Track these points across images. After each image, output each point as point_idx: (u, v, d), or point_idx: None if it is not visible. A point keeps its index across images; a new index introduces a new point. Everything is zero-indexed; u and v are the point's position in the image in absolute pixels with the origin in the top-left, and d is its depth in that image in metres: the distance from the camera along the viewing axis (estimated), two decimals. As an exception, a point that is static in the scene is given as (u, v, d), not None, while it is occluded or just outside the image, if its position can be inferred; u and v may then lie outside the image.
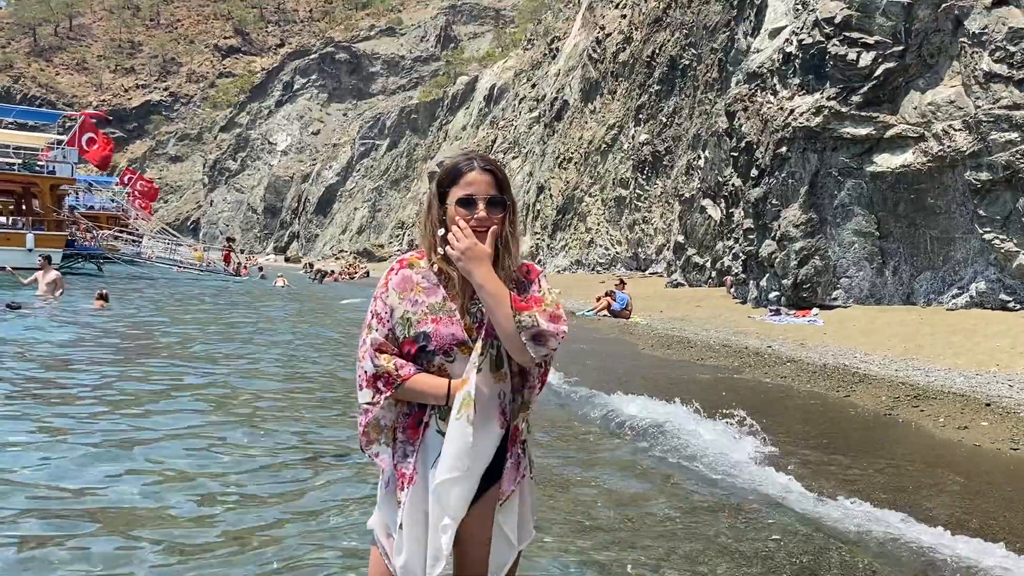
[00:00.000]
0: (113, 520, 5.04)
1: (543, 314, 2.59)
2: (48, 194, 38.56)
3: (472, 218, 2.62)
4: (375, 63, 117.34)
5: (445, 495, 2.56)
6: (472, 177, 2.65)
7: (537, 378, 2.70)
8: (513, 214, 2.72)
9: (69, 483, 5.71)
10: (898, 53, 17.62)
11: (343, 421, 8.03)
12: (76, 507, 5.24)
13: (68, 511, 5.16)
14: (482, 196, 2.63)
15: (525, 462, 2.76)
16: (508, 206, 2.69)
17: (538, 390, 2.73)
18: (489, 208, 2.64)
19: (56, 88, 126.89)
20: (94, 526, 4.92)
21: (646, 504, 5.78)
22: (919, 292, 17.28)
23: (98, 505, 5.31)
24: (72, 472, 5.97)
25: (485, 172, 2.66)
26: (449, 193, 2.66)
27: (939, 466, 6.94)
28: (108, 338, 14.07)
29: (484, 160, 2.71)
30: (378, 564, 2.72)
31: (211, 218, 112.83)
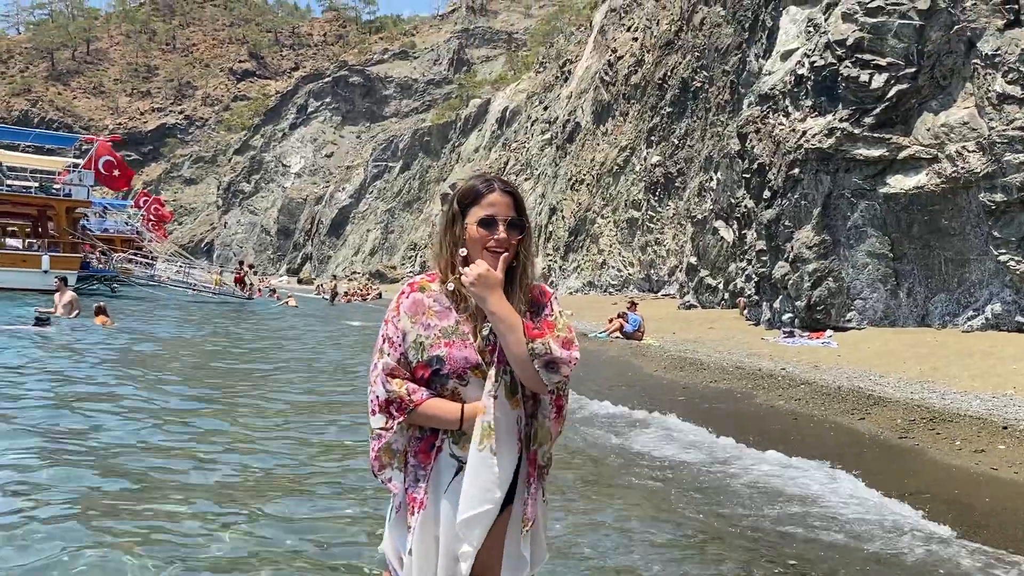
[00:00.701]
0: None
1: (556, 340, 2.58)
2: (64, 216, 38.89)
3: (492, 238, 2.63)
4: (388, 86, 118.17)
5: (471, 529, 2.54)
6: (493, 198, 2.67)
7: (552, 404, 2.67)
8: (529, 236, 2.73)
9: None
10: (911, 75, 17.60)
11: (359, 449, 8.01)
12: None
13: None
14: (503, 217, 2.65)
15: (543, 486, 2.74)
16: (526, 228, 2.70)
17: (558, 419, 2.69)
18: (509, 229, 2.65)
19: (73, 112, 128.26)
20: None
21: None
22: (934, 314, 17.15)
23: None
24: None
25: (505, 194, 2.69)
26: (469, 213, 2.67)
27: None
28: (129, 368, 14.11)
29: (503, 182, 2.74)
30: None
31: (225, 240, 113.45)
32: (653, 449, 8.54)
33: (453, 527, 2.57)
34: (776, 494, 6.83)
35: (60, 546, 4.83)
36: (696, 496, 6.70)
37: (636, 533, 5.61)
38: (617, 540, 5.45)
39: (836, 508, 6.46)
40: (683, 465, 7.86)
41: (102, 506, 5.71)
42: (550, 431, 2.68)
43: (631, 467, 7.71)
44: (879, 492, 6.85)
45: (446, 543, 2.58)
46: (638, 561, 5.08)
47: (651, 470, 7.61)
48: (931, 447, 8.41)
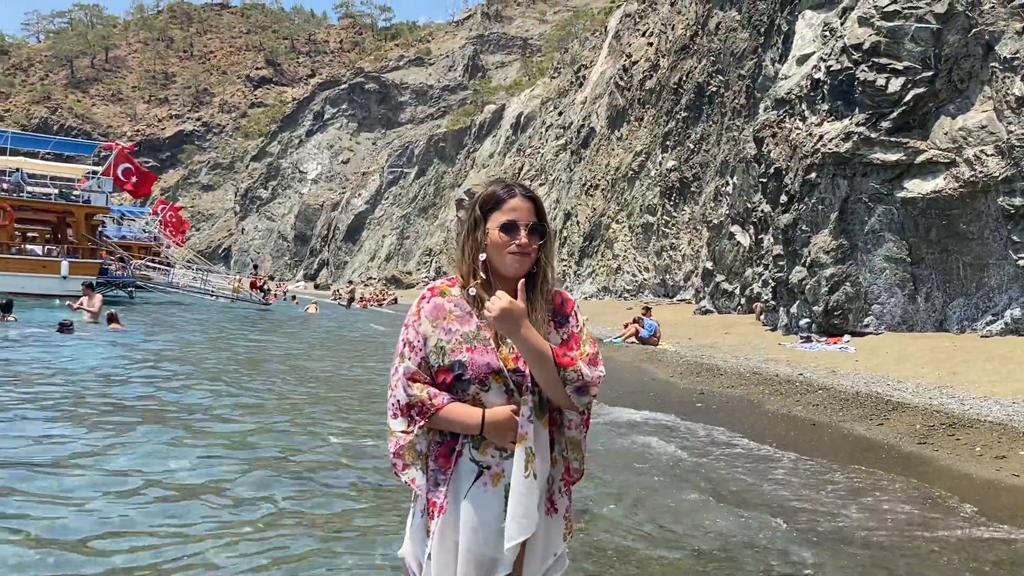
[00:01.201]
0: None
1: (586, 362, 2.63)
2: (83, 223, 39.27)
3: (514, 243, 2.65)
4: (404, 92, 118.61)
5: (514, 553, 2.58)
6: (515, 203, 2.69)
7: (579, 417, 2.74)
8: (550, 242, 2.75)
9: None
10: (928, 78, 17.51)
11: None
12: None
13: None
14: (524, 222, 2.67)
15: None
16: (546, 234, 2.72)
17: (584, 429, 2.77)
18: (530, 235, 2.67)
19: (92, 119, 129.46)
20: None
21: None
22: (952, 319, 17.03)
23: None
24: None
25: (527, 199, 2.71)
26: (490, 218, 2.69)
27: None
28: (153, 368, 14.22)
29: (525, 188, 2.76)
30: None
31: (242, 246, 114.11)
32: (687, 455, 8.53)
33: (473, 533, 2.58)
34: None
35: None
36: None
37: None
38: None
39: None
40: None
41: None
42: (579, 442, 2.75)
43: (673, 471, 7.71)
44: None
45: (466, 548, 2.58)
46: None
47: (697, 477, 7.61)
48: (951, 453, 8.36)
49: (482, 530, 2.59)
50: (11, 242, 38.13)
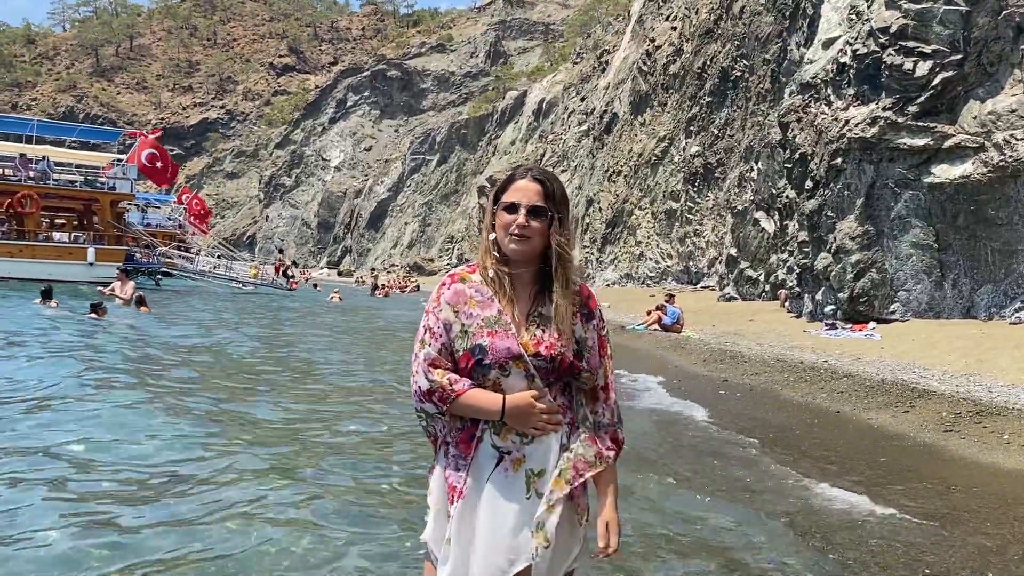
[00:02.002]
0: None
1: (610, 411, 2.79)
2: (108, 210, 39.62)
3: (513, 223, 2.66)
4: (426, 79, 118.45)
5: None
6: (521, 184, 2.72)
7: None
8: (563, 226, 2.73)
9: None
10: (956, 62, 17.23)
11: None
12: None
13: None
14: (525, 203, 2.67)
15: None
16: (552, 217, 2.70)
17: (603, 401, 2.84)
18: (530, 215, 2.67)
19: (117, 107, 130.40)
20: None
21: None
22: (980, 306, 16.81)
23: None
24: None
25: (535, 181, 2.72)
26: (500, 199, 2.73)
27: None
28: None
29: (539, 171, 2.77)
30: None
31: (267, 233, 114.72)
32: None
33: (493, 519, 2.59)
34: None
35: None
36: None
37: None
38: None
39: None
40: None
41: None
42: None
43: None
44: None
45: (486, 534, 2.59)
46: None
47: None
48: (977, 441, 8.27)
49: (503, 516, 2.59)
50: (38, 229, 38.57)
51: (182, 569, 4.52)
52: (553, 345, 2.64)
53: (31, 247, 36.32)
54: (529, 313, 2.69)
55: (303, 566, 4.64)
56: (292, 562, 4.69)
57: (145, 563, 4.56)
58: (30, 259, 35.24)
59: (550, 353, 2.63)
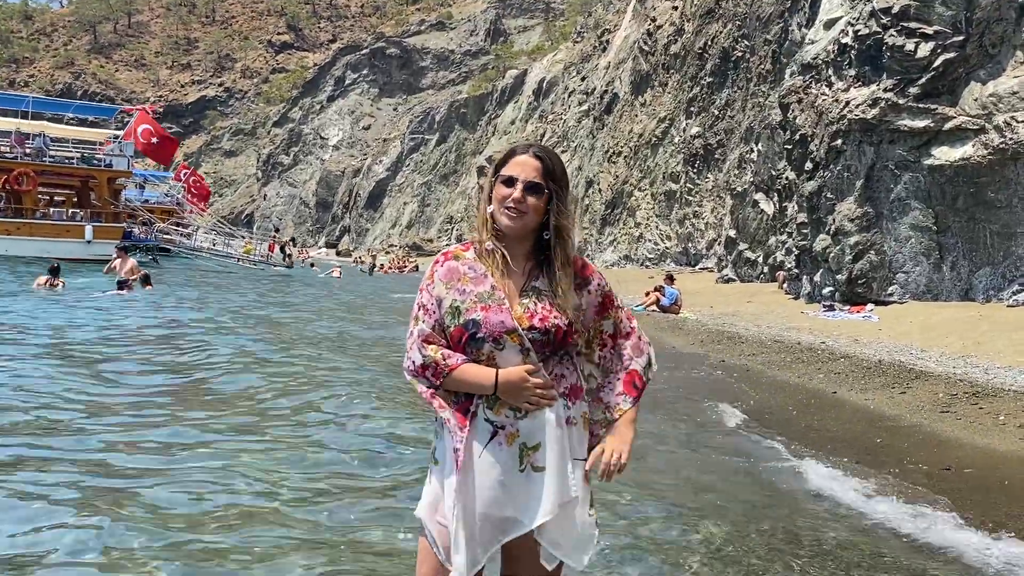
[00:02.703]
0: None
1: (635, 350, 2.86)
2: (106, 187, 39.51)
3: (509, 198, 2.66)
4: (425, 58, 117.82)
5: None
6: (521, 159, 2.72)
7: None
8: (562, 203, 2.73)
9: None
10: (958, 43, 17.15)
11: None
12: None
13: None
14: (523, 179, 2.68)
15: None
16: (549, 194, 2.71)
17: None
18: (526, 191, 2.67)
19: (115, 84, 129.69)
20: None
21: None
22: (978, 288, 16.83)
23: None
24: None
25: (535, 157, 2.72)
26: (499, 173, 2.73)
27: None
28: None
29: (540, 148, 2.78)
30: (427, 554, 2.73)
31: (265, 212, 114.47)
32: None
33: (488, 491, 2.61)
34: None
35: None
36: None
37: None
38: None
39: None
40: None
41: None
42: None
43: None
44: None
45: (483, 505, 2.61)
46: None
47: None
48: (973, 422, 8.30)
49: (496, 489, 2.61)
50: (35, 206, 38.46)
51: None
52: (547, 317, 2.65)
53: (28, 225, 36.23)
54: (523, 287, 2.70)
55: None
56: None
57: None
58: (27, 237, 35.17)
59: (544, 325, 2.64)
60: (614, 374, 2.81)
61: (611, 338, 2.82)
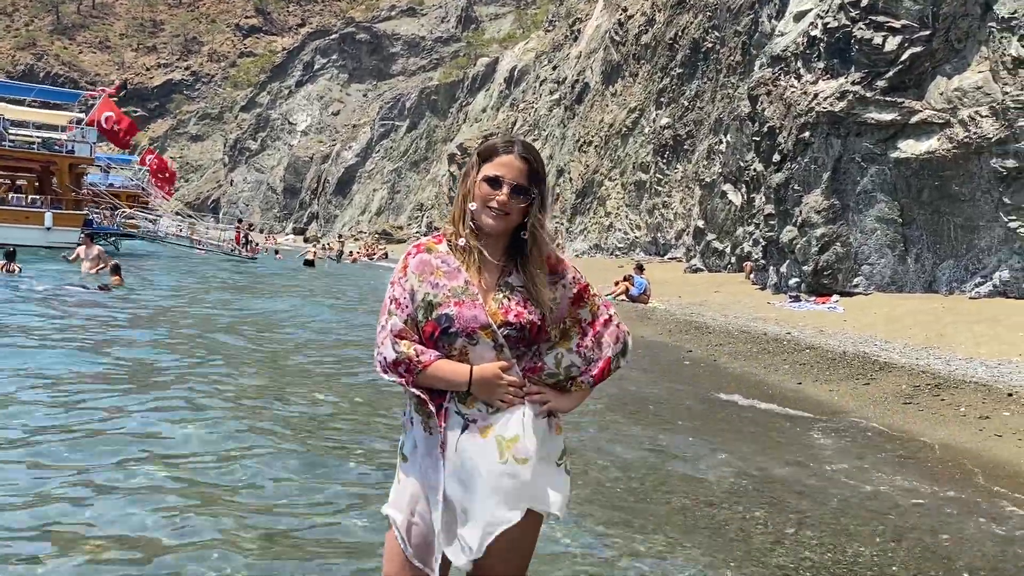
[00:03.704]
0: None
1: (612, 339, 2.83)
2: (67, 173, 38.72)
3: (494, 199, 2.61)
4: (396, 44, 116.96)
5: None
6: (507, 159, 2.66)
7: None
8: (544, 206, 2.71)
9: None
10: (925, 38, 17.33)
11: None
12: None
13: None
14: (509, 180, 2.63)
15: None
16: (534, 198, 2.68)
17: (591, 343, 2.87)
18: (512, 194, 2.63)
19: (79, 66, 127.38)
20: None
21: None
22: (941, 280, 17.07)
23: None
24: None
25: (522, 159, 2.67)
26: (482, 169, 2.67)
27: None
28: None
29: (526, 148, 2.72)
30: (395, 552, 2.69)
31: (231, 198, 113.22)
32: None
33: (470, 483, 2.57)
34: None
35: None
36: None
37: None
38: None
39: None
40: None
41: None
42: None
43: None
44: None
45: (465, 500, 2.58)
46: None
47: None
48: (935, 413, 8.41)
49: (478, 481, 2.57)
50: (-7, 192, 37.62)
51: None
52: (521, 313, 2.63)
53: (-14, 211, 35.45)
54: (497, 283, 2.67)
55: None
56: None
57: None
58: (-16, 223, 34.40)
59: (519, 321, 2.62)
60: (594, 362, 2.79)
61: (591, 326, 2.79)
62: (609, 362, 2.80)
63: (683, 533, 4.96)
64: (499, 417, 2.60)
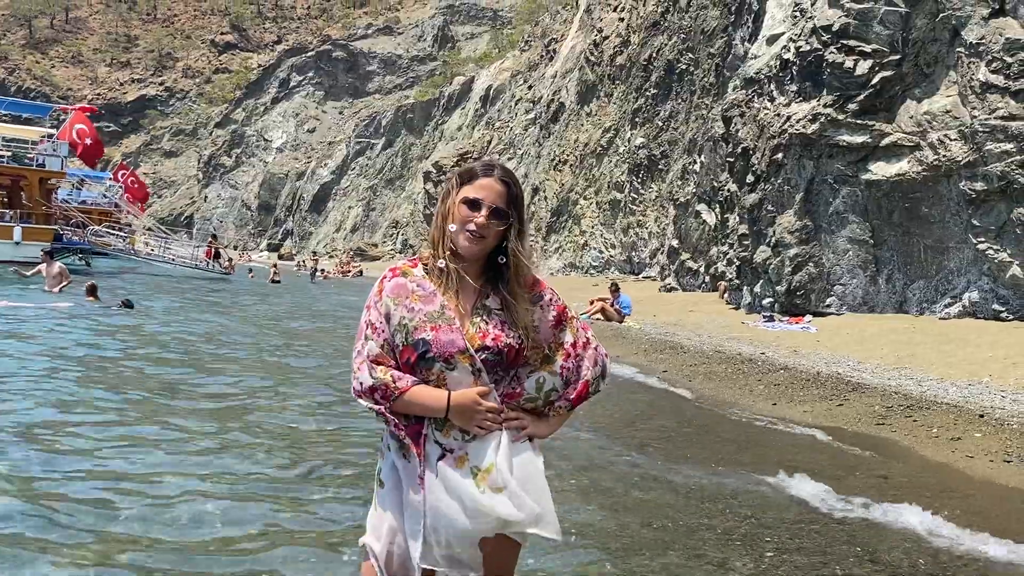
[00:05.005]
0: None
1: (591, 361, 2.83)
2: (37, 187, 38.26)
3: (472, 221, 2.59)
4: (372, 62, 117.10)
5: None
6: (486, 182, 2.66)
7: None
8: (522, 232, 2.68)
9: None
10: (895, 62, 17.61)
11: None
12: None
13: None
14: (489, 203, 2.62)
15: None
16: (512, 222, 2.67)
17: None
18: (491, 216, 2.61)
19: (51, 81, 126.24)
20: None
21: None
22: (912, 301, 17.26)
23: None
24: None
25: (501, 182, 2.67)
26: (461, 191, 2.65)
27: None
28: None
29: (506, 172, 2.71)
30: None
31: (205, 214, 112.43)
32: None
33: (448, 512, 2.54)
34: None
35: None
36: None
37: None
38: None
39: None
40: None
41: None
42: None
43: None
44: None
45: (447, 529, 2.54)
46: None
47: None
48: (908, 434, 8.47)
49: (458, 511, 2.54)
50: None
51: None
52: (499, 337, 2.61)
53: (-48, 225, 34.93)
54: (474, 306, 2.65)
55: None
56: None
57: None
58: (-48, 237, 33.91)
59: (496, 345, 2.60)
60: (572, 384, 2.77)
61: (572, 347, 2.78)
62: (587, 385, 2.79)
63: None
64: (474, 445, 2.58)
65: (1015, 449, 7.63)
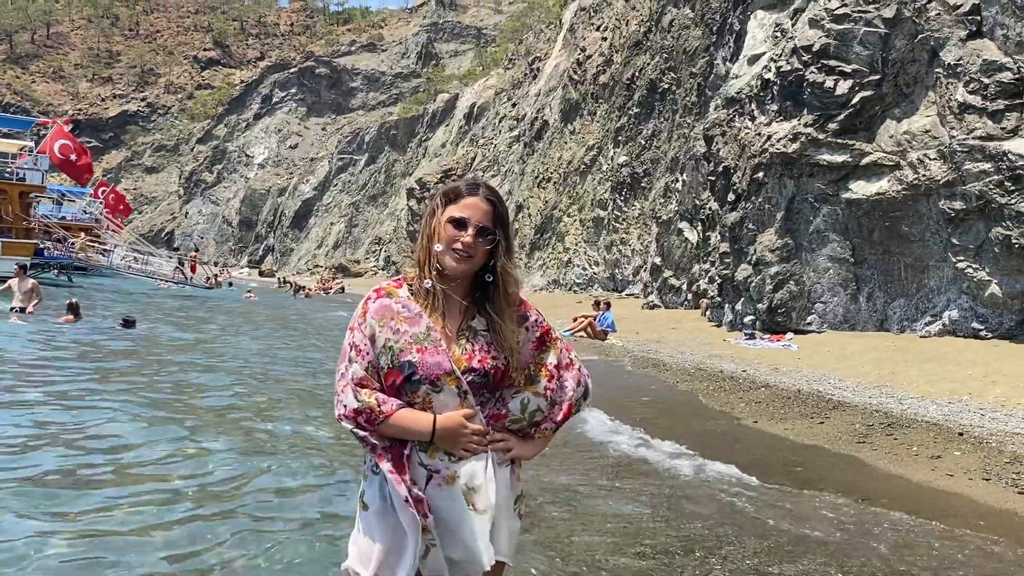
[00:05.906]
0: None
1: (573, 382, 2.81)
2: (17, 201, 37.96)
3: (459, 240, 2.58)
4: (355, 78, 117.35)
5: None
6: (472, 201, 2.64)
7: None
8: (509, 250, 2.68)
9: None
10: (875, 82, 17.80)
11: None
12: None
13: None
14: (475, 222, 2.60)
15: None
16: (498, 241, 2.65)
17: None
18: (478, 235, 2.60)
19: (31, 96, 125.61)
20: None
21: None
22: (892, 319, 17.37)
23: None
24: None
25: (487, 201, 2.65)
26: (446, 210, 2.63)
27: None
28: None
29: (491, 191, 2.70)
30: None
31: (186, 230, 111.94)
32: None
33: (440, 533, 2.53)
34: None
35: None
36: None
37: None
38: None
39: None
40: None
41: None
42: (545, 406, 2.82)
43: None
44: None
45: (415, 548, 2.51)
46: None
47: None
48: (888, 452, 8.48)
49: (448, 530, 2.52)
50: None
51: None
52: (485, 359, 2.59)
53: (-68, 239, 34.58)
54: (459, 327, 2.62)
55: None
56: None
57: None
58: (-69, 251, 33.57)
59: (483, 367, 2.58)
60: (558, 405, 2.76)
61: (556, 369, 2.76)
62: (571, 407, 2.78)
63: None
64: (463, 465, 2.56)
65: (993, 467, 7.65)
